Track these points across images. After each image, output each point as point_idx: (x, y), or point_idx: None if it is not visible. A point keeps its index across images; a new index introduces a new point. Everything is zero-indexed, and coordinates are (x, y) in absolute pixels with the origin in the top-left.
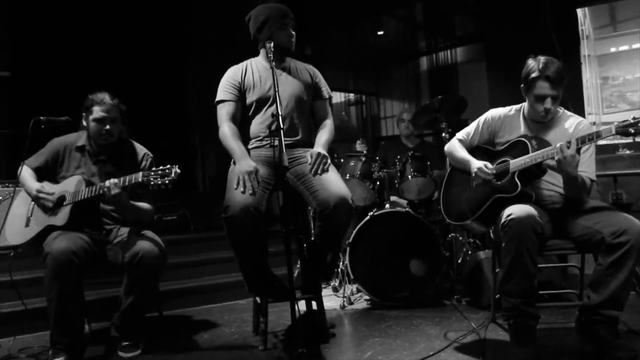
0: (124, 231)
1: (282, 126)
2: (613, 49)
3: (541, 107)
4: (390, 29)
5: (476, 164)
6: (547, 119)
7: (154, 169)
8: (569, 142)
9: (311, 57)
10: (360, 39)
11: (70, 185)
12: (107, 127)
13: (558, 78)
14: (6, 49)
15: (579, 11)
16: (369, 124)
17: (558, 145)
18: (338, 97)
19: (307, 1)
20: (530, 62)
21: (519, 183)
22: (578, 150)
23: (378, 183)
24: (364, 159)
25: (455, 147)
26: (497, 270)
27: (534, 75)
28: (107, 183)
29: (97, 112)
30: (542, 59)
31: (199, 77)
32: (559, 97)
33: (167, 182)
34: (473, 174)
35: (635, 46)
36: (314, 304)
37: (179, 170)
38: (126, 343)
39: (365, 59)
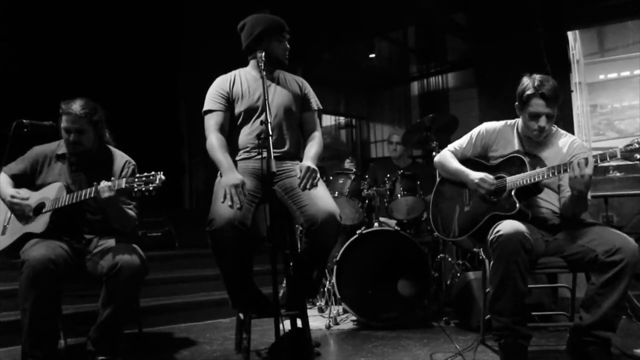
0: (104, 242)
1: (270, 133)
2: (602, 76)
3: (535, 125)
4: (382, 52)
5: (475, 175)
6: (540, 138)
7: (137, 175)
8: (586, 160)
9: (303, 77)
10: (352, 62)
11: (51, 192)
12: (72, 137)
13: (553, 96)
14: None
15: (570, 35)
16: (359, 148)
17: (575, 162)
18: (328, 120)
19: (299, 21)
20: (525, 80)
21: (517, 201)
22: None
23: (367, 201)
24: (353, 176)
25: (447, 158)
26: (487, 290)
27: (529, 92)
28: (101, 184)
29: (64, 121)
30: (537, 76)
31: (189, 92)
32: (554, 115)
33: (150, 188)
34: (474, 186)
35: (623, 74)
36: (299, 322)
37: (163, 177)
38: (102, 358)
39: (357, 82)
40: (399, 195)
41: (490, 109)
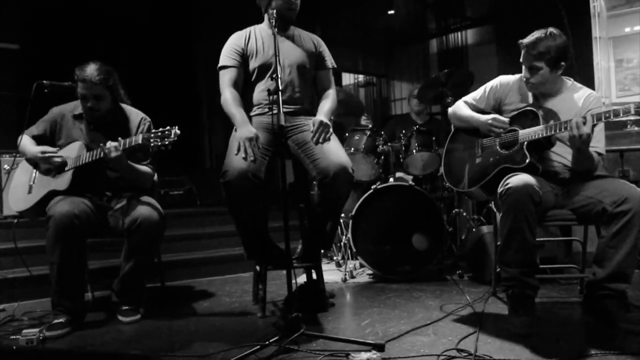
0: (124, 198)
1: (280, 88)
2: (628, 29)
3: (524, 75)
4: (400, 9)
5: (486, 116)
6: (533, 89)
7: (153, 130)
8: (584, 118)
9: (321, 37)
10: (371, 19)
11: (72, 150)
12: (89, 104)
13: (535, 52)
14: (16, 22)
15: None
16: (379, 106)
17: (573, 121)
18: (348, 79)
19: None
20: (534, 33)
21: (528, 155)
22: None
23: (382, 157)
24: (368, 132)
25: (460, 107)
26: (499, 243)
27: (520, 42)
28: (107, 145)
29: (80, 88)
30: (541, 32)
31: (208, 54)
32: (538, 68)
33: (166, 143)
34: (487, 126)
35: None
36: (314, 274)
37: (178, 132)
38: (126, 308)
39: (376, 40)
40: (414, 151)
41: (509, 65)
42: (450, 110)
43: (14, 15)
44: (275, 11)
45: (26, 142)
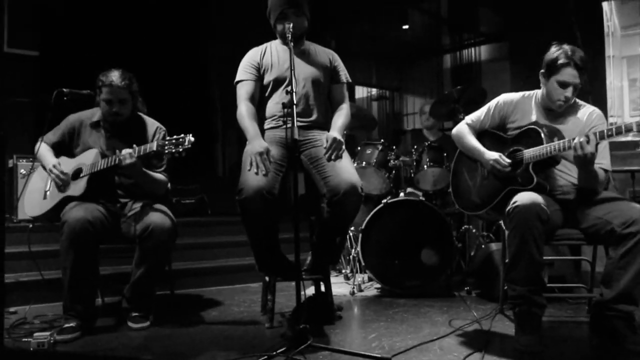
0: (138, 205)
1: (295, 102)
2: None
3: (562, 95)
4: (415, 23)
5: (490, 155)
6: (562, 109)
7: (168, 138)
8: (587, 137)
9: (335, 50)
10: (385, 33)
11: (88, 158)
12: (115, 109)
13: (583, 67)
14: (35, 29)
15: (605, 6)
16: (392, 120)
17: (576, 140)
18: (361, 92)
19: None
20: (555, 49)
21: (534, 176)
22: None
23: (394, 172)
24: (380, 147)
25: (464, 132)
26: (507, 260)
27: (562, 61)
28: (122, 152)
29: (105, 93)
30: (567, 46)
31: (222, 62)
32: (579, 87)
33: (181, 150)
34: (489, 166)
35: None
36: (322, 286)
37: (192, 139)
38: (136, 314)
39: (389, 54)
40: (425, 167)
41: (522, 81)
42: (454, 132)
43: (33, 22)
44: (291, 25)
45: (43, 150)
